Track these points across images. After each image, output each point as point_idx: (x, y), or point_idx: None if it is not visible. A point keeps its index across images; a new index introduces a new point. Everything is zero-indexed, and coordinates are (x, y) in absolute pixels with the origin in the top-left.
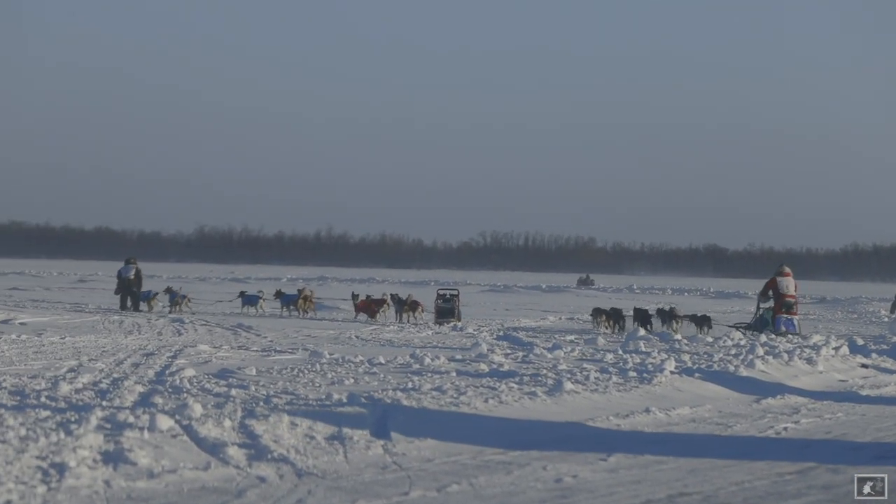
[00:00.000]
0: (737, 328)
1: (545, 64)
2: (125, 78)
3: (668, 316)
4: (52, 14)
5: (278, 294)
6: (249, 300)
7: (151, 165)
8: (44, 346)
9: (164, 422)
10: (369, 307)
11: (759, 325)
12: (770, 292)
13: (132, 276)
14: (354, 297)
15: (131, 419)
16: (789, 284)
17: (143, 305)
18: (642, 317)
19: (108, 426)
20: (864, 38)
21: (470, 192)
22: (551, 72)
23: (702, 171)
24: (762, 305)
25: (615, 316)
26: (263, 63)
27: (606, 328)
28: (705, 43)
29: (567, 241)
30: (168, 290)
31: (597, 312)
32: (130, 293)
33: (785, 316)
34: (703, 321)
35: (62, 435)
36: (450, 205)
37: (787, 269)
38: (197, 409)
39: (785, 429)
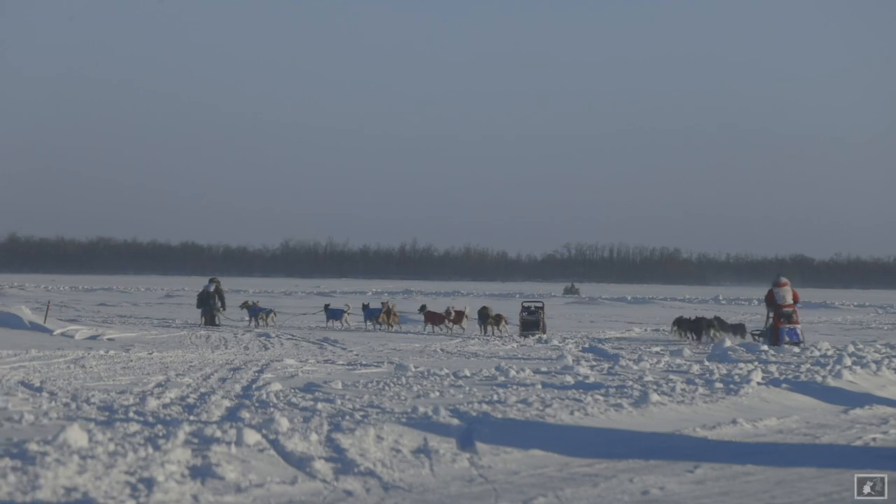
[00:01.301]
0: (752, 335)
1: (626, 72)
2: (208, 105)
3: (706, 324)
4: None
5: (364, 308)
6: (334, 314)
7: (237, 182)
8: (131, 361)
9: (251, 436)
10: (436, 317)
11: (769, 332)
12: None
13: (211, 290)
14: (422, 308)
15: (218, 434)
16: (786, 294)
17: (218, 318)
18: (697, 325)
19: (196, 441)
20: None
21: (554, 205)
22: (635, 79)
23: (788, 180)
24: (771, 315)
25: (683, 324)
26: (354, 89)
27: (679, 336)
28: (793, 50)
29: (652, 253)
30: (245, 305)
31: (677, 321)
32: (208, 308)
33: (787, 326)
34: (738, 329)
35: (150, 450)
36: (534, 217)
37: (784, 280)
38: (283, 424)
39: (873, 439)
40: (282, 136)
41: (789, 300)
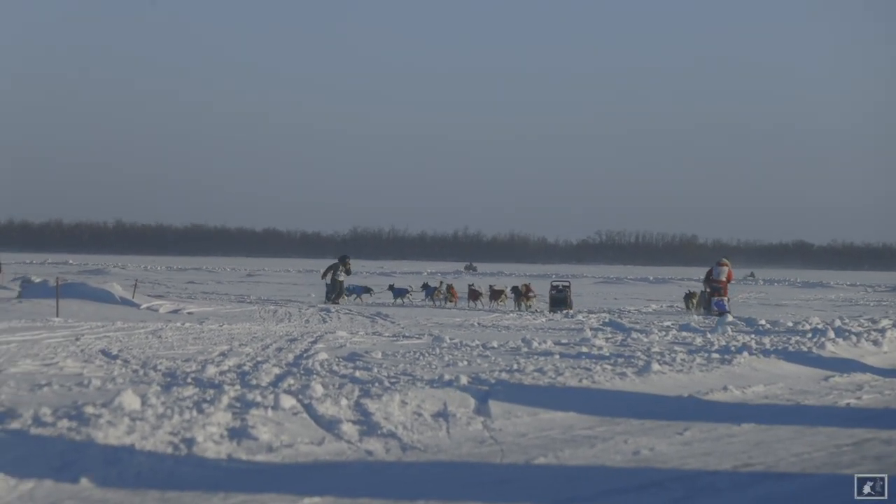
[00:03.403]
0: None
1: (655, 78)
2: (299, 114)
3: (688, 296)
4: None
5: (424, 286)
6: (399, 292)
7: (314, 177)
8: (203, 332)
9: (287, 401)
10: (475, 294)
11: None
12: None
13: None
14: (469, 287)
15: (259, 398)
16: (721, 272)
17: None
18: (686, 297)
19: (238, 405)
20: None
21: (588, 196)
22: (661, 86)
23: (792, 172)
24: (707, 289)
25: (687, 297)
26: (413, 105)
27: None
28: (794, 54)
29: (672, 238)
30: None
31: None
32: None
33: (716, 297)
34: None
35: (195, 413)
36: (571, 206)
37: (724, 261)
38: (318, 390)
39: (848, 404)
40: (354, 144)
41: (722, 278)
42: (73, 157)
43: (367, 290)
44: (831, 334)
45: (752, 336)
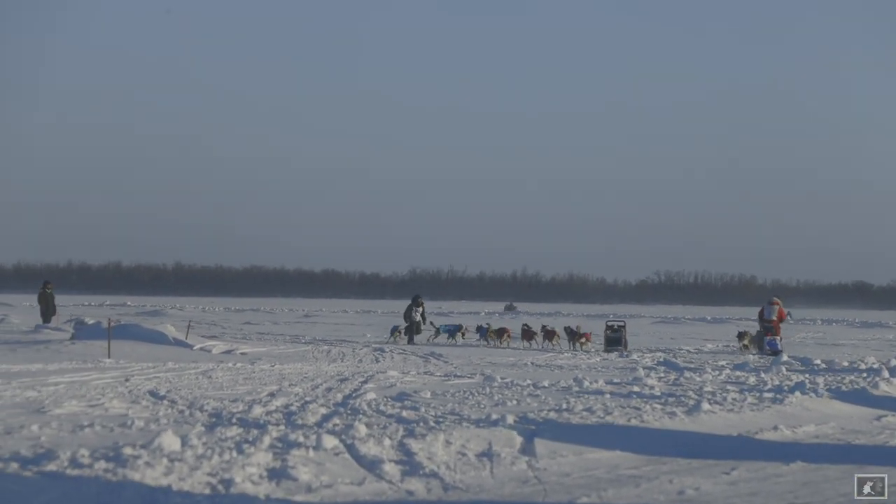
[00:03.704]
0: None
1: (708, 117)
2: (357, 159)
3: (741, 335)
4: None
5: (478, 328)
6: (450, 331)
7: (372, 217)
8: (254, 373)
9: (329, 441)
10: (528, 333)
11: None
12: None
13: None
14: (523, 327)
15: (301, 439)
16: (772, 312)
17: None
18: (739, 336)
19: (280, 445)
20: None
21: (646, 236)
22: (717, 125)
23: (852, 213)
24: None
25: (740, 336)
26: (471, 151)
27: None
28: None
29: (731, 279)
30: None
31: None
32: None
33: (768, 337)
34: (759, 339)
35: (235, 454)
36: (629, 247)
37: (776, 300)
38: (361, 430)
39: None
40: (412, 186)
41: (773, 317)
42: (132, 201)
43: (459, 328)
44: (885, 374)
45: (806, 375)
